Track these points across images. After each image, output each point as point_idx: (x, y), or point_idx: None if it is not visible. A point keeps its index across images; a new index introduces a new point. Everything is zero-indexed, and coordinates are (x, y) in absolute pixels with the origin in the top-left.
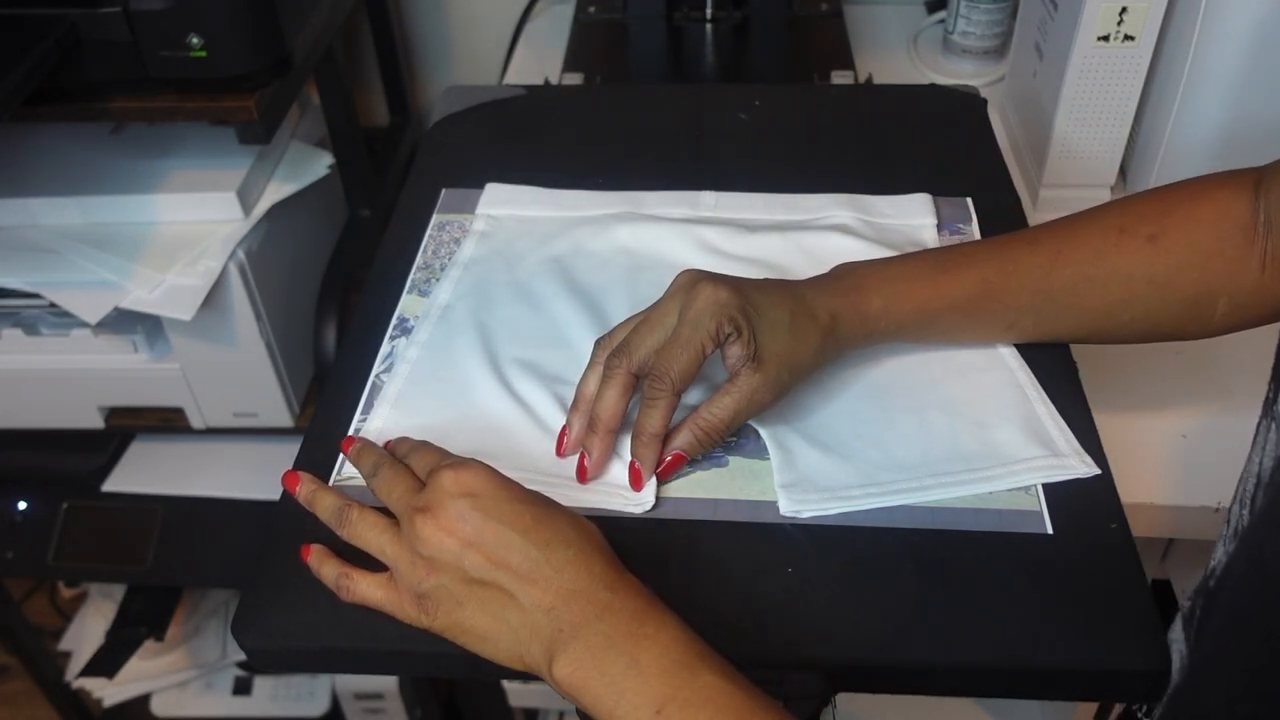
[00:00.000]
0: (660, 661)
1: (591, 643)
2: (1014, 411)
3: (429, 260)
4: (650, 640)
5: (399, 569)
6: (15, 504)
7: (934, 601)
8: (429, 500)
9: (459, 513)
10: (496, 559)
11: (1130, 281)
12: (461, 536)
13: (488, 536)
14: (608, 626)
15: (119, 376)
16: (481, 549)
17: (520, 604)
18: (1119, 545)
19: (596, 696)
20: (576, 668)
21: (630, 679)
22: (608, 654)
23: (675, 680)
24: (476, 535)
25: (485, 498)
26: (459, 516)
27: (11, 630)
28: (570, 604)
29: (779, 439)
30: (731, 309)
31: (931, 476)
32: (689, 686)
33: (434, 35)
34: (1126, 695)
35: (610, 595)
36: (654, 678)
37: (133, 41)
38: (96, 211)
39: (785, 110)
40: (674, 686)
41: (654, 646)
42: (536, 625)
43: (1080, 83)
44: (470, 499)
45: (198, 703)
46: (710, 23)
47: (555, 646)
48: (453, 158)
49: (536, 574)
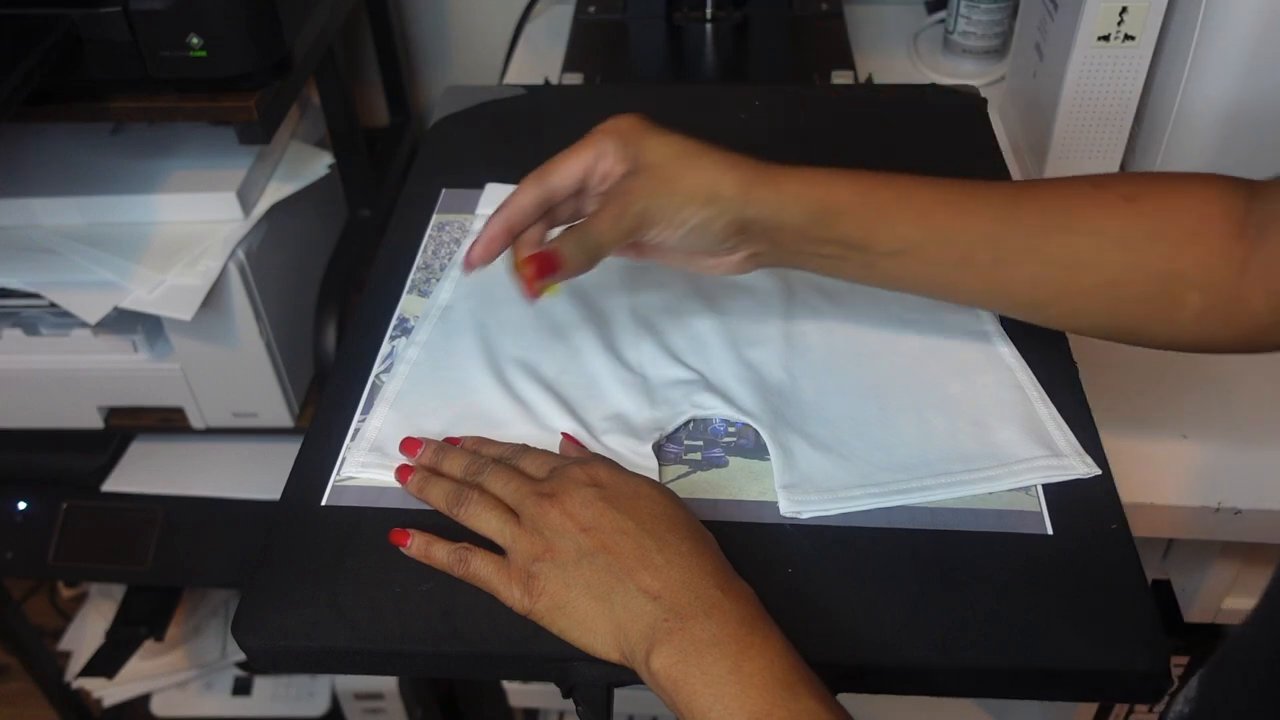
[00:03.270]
0: (764, 674)
1: (697, 638)
2: (1014, 411)
3: (429, 260)
4: (756, 650)
5: (516, 548)
6: (15, 504)
7: (934, 601)
8: (556, 487)
9: (584, 499)
10: (610, 544)
11: (1098, 236)
12: (581, 521)
13: (605, 522)
14: (715, 626)
15: (119, 376)
16: (598, 533)
17: (627, 588)
18: (1119, 545)
19: (693, 694)
20: (678, 661)
21: (731, 684)
22: (711, 653)
23: (775, 697)
24: (595, 520)
25: (611, 488)
26: (583, 503)
27: (11, 630)
28: (679, 595)
29: (779, 439)
30: (621, 124)
31: (932, 477)
32: (786, 707)
33: (434, 35)
34: (1126, 695)
35: (721, 595)
36: (755, 689)
37: (133, 41)
38: (96, 211)
39: (785, 110)
40: (772, 703)
41: (760, 657)
42: (641, 611)
43: (1080, 83)
44: (596, 488)
45: (198, 703)
46: (710, 23)
47: (657, 636)
48: (453, 158)
49: (648, 562)
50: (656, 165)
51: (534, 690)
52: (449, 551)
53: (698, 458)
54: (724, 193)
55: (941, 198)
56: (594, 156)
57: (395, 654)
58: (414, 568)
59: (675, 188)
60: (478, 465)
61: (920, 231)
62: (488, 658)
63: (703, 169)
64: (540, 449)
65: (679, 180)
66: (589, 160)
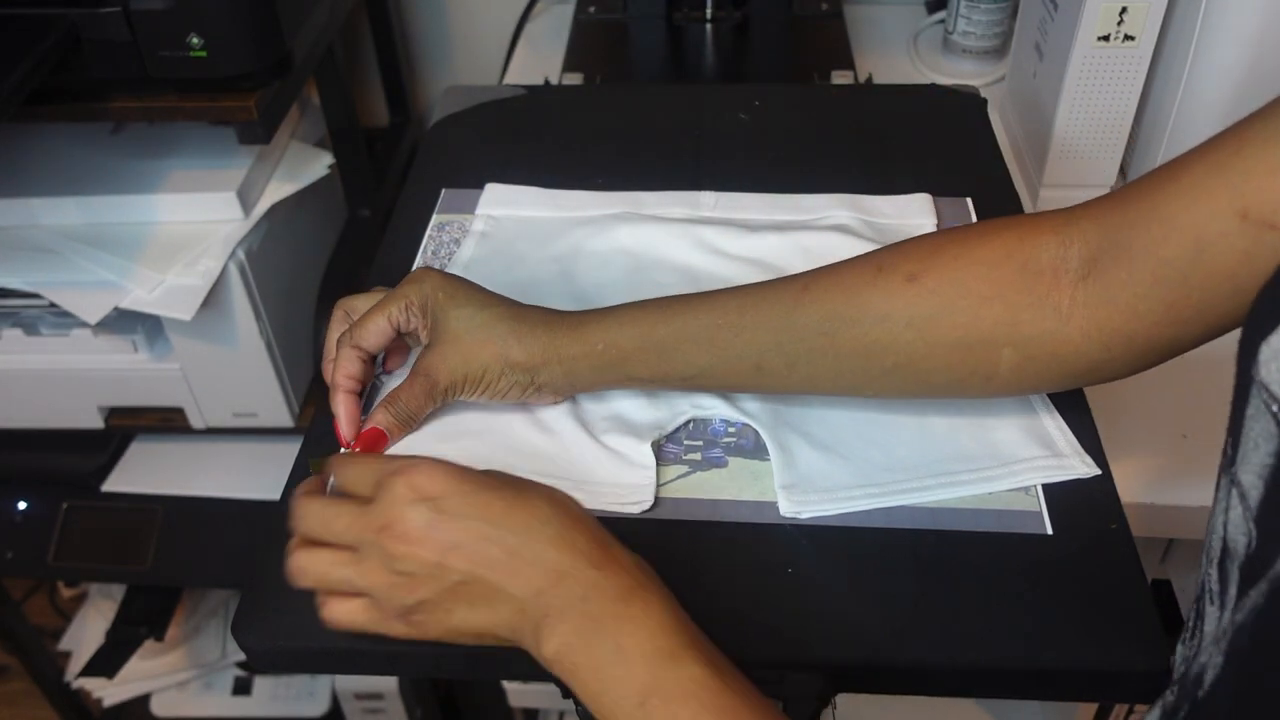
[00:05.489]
0: (644, 647)
1: (578, 625)
2: (1014, 411)
3: (429, 261)
4: (636, 623)
5: (378, 594)
6: (15, 504)
7: (934, 601)
8: (388, 517)
9: (426, 521)
10: (477, 557)
11: (886, 322)
12: (435, 546)
13: (462, 537)
14: (594, 607)
15: (119, 376)
16: (460, 551)
17: (509, 594)
18: (1119, 545)
19: (584, 682)
20: (565, 650)
21: (616, 665)
22: (594, 637)
23: (658, 669)
24: (450, 540)
25: (447, 498)
26: (427, 525)
27: (11, 630)
28: (558, 585)
29: (779, 440)
30: (425, 289)
31: (931, 477)
32: (672, 678)
33: (434, 35)
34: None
35: (596, 574)
36: (637, 664)
37: (133, 41)
38: (96, 211)
39: (785, 110)
40: (656, 677)
41: (639, 630)
42: (527, 609)
43: (1080, 83)
44: (430, 503)
45: (198, 703)
46: (710, 23)
47: (542, 630)
48: (453, 158)
49: (519, 561)
50: (455, 338)
51: (534, 690)
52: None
53: (697, 458)
54: (516, 363)
55: (721, 321)
56: (400, 311)
57: (395, 654)
58: None
59: (472, 362)
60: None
61: (706, 357)
62: (488, 658)
63: (495, 343)
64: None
65: (475, 356)
66: (397, 317)
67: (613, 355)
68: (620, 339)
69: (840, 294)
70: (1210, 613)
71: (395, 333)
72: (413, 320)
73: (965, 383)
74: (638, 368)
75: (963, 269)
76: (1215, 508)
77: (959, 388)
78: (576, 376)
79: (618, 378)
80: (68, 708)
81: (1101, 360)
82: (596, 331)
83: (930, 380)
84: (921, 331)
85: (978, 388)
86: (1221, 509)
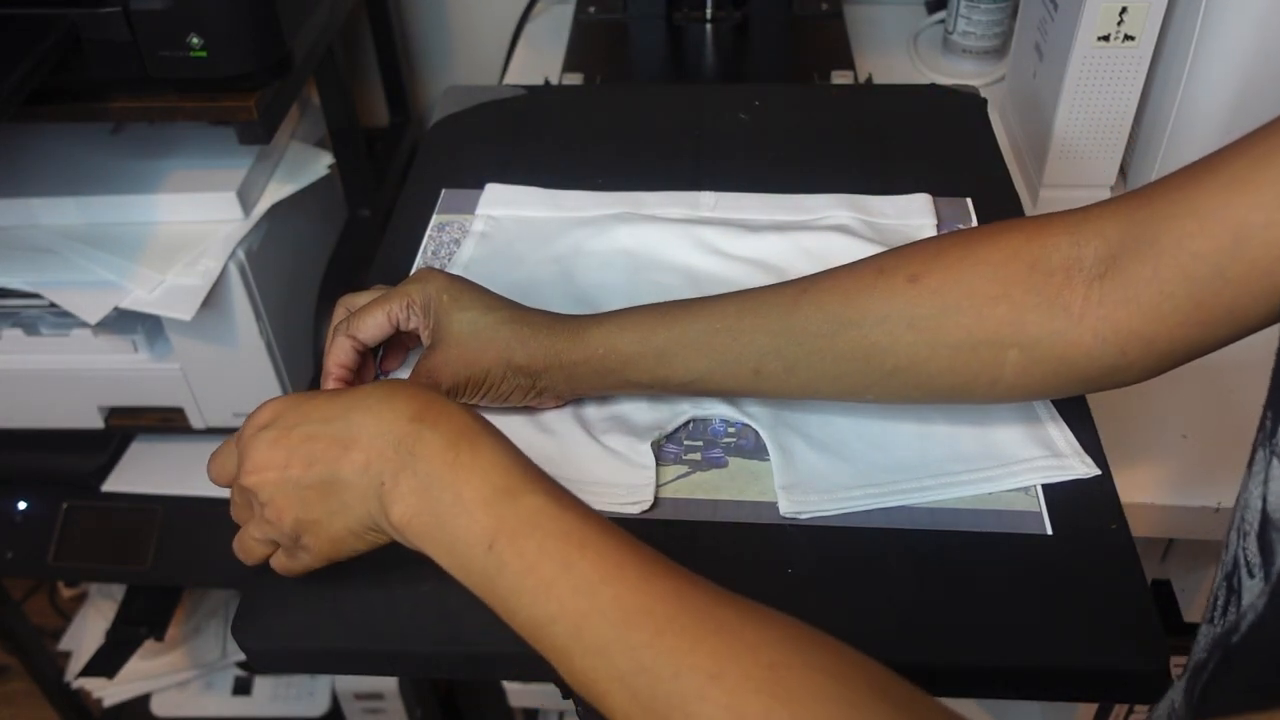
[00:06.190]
0: (481, 491)
1: (413, 485)
2: (1014, 412)
3: (429, 261)
4: (466, 469)
5: (261, 533)
6: (15, 504)
7: (934, 601)
8: (241, 458)
9: (265, 443)
10: (311, 456)
11: (886, 324)
12: (275, 465)
13: (294, 442)
14: (423, 463)
15: (119, 376)
16: (294, 456)
17: (345, 478)
18: (1119, 545)
19: (435, 541)
20: (408, 513)
21: (458, 516)
22: (431, 492)
23: (499, 510)
24: (286, 452)
25: (280, 418)
26: (267, 446)
27: (11, 630)
28: (384, 453)
29: (779, 440)
30: (429, 290)
31: (931, 477)
32: (511, 514)
33: (434, 35)
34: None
35: (419, 427)
36: (478, 510)
37: (133, 41)
38: (96, 211)
39: (785, 110)
40: (499, 517)
41: (472, 475)
42: (364, 489)
43: (1080, 83)
44: (266, 429)
45: (198, 703)
46: (710, 23)
47: (384, 499)
48: (453, 158)
49: (343, 442)
50: (458, 341)
51: (534, 690)
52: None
53: (697, 458)
54: (518, 367)
55: (719, 325)
56: (401, 309)
57: (395, 654)
58: (413, 568)
59: (475, 366)
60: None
61: (704, 362)
62: (487, 658)
63: (498, 347)
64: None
65: (478, 360)
66: (396, 314)
67: (613, 361)
68: (620, 344)
69: (840, 296)
70: (1249, 585)
71: (393, 328)
72: (413, 319)
73: (969, 387)
74: (637, 373)
75: (967, 269)
76: (1250, 482)
77: (963, 392)
78: (578, 381)
79: (618, 383)
80: (68, 708)
81: (1115, 364)
82: (597, 336)
83: (933, 384)
84: (923, 333)
85: (982, 392)
86: (1259, 481)
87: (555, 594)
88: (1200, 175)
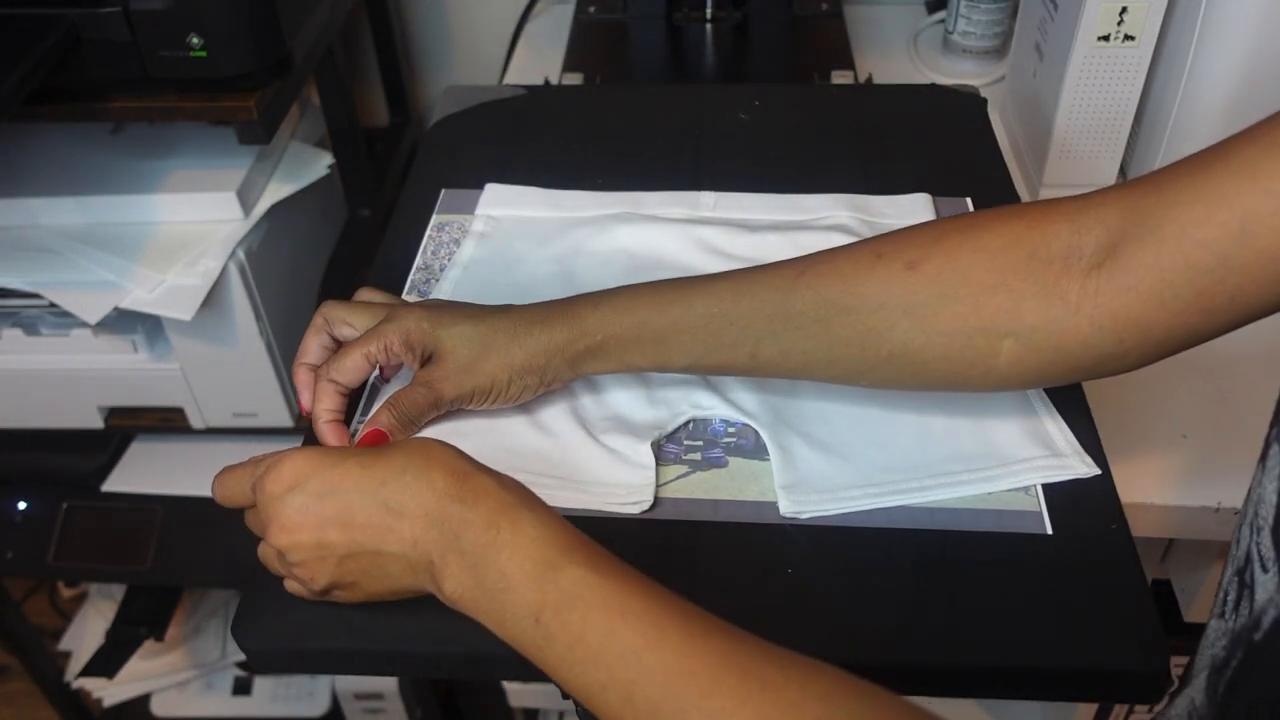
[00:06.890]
0: (523, 567)
1: (461, 564)
2: (1013, 411)
3: (428, 261)
4: (509, 547)
5: (293, 585)
6: (15, 504)
7: (934, 601)
8: (266, 514)
9: (295, 508)
10: (350, 527)
11: (883, 309)
12: (309, 529)
13: (329, 512)
14: (467, 543)
15: (119, 376)
16: (332, 527)
17: (390, 553)
18: (1119, 545)
19: (486, 615)
20: (459, 590)
21: (504, 592)
22: (479, 569)
23: (541, 583)
24: (319, 519)
25: (309, 480)
26: (297, 511)
27: (11, 630)
28: (429, 530)
29: (779, 440)
30: (406, 324)
31: (931, 477)
32: (554, 587)
33: (434, 35)
34: (1126, 695)
35: (461, 508)
36: (522, 586)
37: (133, 41)
38: (96, 211)
39: (785, 110)
40: (542, 592)
41: (514, 552)
42: (414, 563)
43: (1080, 83)
44: (295, 490)
45: (198, 703)
46: (710, 23)
47: (436, 575)
48: (453, 158)
49: (386, 518)
50: (455, 355)
51: (534, 690)
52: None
53: (697, 458)
54: (521, 368)
55: (716, 309)
56: (380, 351)
57: (395, 654)
58: None
59: (479, 377)
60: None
61: (701, 345)
62: (487, 658)
63: (497, 354)
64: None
65: (480, 370)
66: (375, 355)
67: (611, 346)
68: (618, 330)
69: (837, 280)
70: (1263, 580)
71: (373, 369)
72: (392, 359)
73: (964, 374)
74: (635, 358)
75: (965, 256)
76: (1264, 477)
77: (957, 380)
78: (581, 366)
79: (618, 365)
80: (68, 708)
81: (1111, 352)
82: (594, 322)
83: (927, 370)
84: (920, 320)
85: (977, 380)
86: (1274, 475)
87: (603, 663)
88: (1209, 162)
